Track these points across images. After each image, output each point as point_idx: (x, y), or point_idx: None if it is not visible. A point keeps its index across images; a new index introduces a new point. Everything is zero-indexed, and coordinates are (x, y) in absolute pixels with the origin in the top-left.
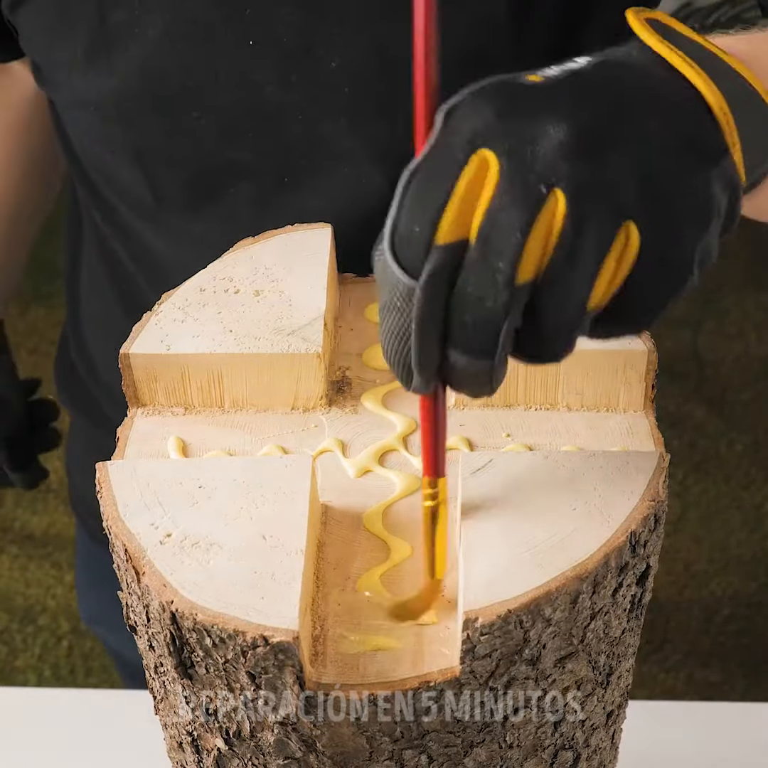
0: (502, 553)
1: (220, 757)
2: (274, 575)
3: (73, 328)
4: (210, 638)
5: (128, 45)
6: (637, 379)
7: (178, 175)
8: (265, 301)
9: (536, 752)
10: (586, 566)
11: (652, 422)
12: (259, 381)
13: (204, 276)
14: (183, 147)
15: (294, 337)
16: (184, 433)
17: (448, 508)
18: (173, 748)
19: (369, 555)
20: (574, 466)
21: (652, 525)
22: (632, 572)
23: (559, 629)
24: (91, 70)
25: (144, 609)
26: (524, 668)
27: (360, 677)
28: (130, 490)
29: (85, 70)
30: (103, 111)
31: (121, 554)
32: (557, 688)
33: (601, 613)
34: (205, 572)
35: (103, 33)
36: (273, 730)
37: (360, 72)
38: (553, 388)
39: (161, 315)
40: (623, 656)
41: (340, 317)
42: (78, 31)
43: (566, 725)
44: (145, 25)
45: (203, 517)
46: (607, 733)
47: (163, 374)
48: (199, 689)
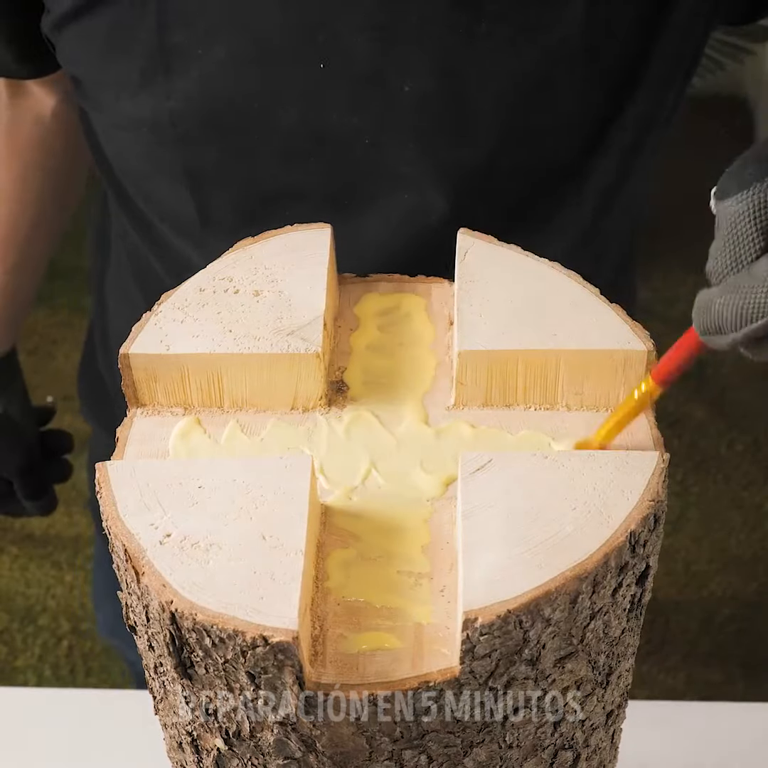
0: (501, 553)
1: (220, 757)
2: (274, 575)
3: (102, 341)
4: (209, 638)
5: (189, 66)
6: (637, 378)
7: (230, 196)
8: (265, 301)
9: (536, 752)
10: (585, 566)
11: (652, 422)
12: (259, 381)
13: (203, 276)
14: (239, 169)
15: (293, 337)
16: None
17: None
18: (173, 748)
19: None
20: (574, 466)
21: (651, 525)
22: (632, 572)
23: (559, 629)
24: (144, 91)
25: (143, 609)
26: (524, 668)
27: (360, 677)
28: (130, 490)
29: (137, 91)
30: (156, 132)
31: (121, 554)
32: (557, 688)
33: (600, 613)
34: (204, 572)
35: (163, 54)
36: (273, 730)
37: (430, 97)
38: (553, 387)
39: (161, 315)
40: (623, 656)
41: (340, 317)
42: (134, 52)
43: (566, 725)
44: (209, 46)
45: (203, 517)
46: (607, 733)
47: (162, 374)
48: (198, 689)
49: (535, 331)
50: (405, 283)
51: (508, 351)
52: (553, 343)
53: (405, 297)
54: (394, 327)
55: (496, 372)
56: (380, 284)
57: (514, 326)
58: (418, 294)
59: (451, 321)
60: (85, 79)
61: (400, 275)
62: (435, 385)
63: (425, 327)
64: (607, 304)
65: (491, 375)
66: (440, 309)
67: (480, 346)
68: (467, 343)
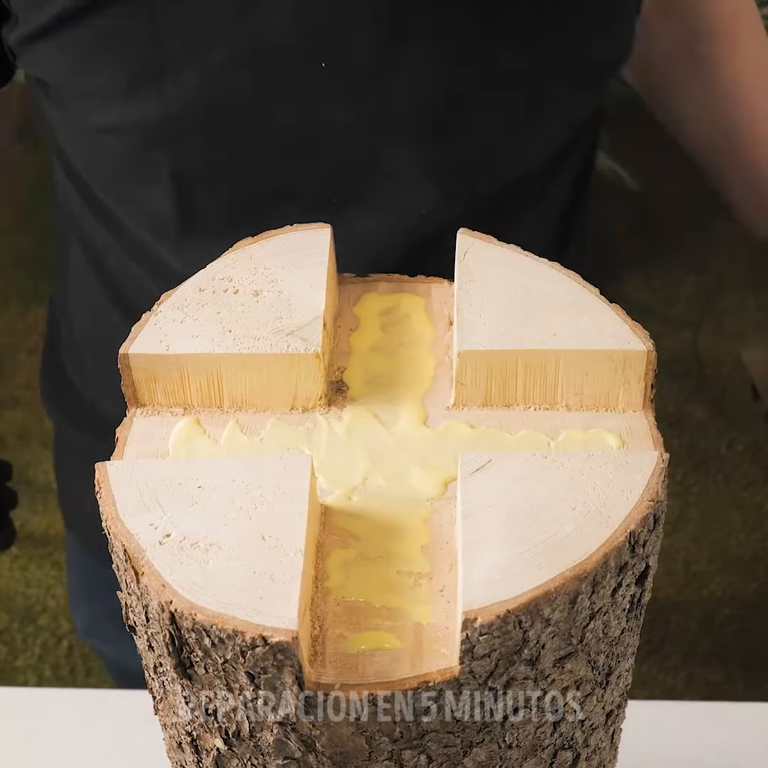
0: (501, 553)
1: (220, 757)
2: (274, 575)
3: (68, 338)
4: (209, 638)
5: (184, 72)
6: (637, 379)
7: (218, 198)
8: (265, 301)
9: (535, 752)
10: (585, 566)
11: (652, 422)
12: (259, 381)
13: (203, 276)
14: (231, 170)
15: (293, 337)
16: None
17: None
18: (173, 748)
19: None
20: (573, 466)
21: (651, 525)
22: (631, 572)
23: (559, 629)
24: (134, 97)
25: (143, 609)
26: (523, 668)
27: (359, 677)
28: (129, 490)
29: (126, 97)
30: (144, 136)
31: (120, 554)
32: (556, 688)
33: (600, 613)
34: (204, 572)
35: (155, 61)
36: (272, 730)
37: (426, 94)
38: (553, 387)
39: (160, 315)
40: (623, 656)
41: (340, 317)
42: (122, 60)
43: (566, 725)
44: (205, 50)
45: (202, 517)
46: (607, 733)
47: (162, 374)
48: (198, 689)
49: (535, 331)
50: (405, 283)
51: (508, 351)
52: (553, 343)
53: (405, 297)
54: (393, 327)
55: (495, 372)
56: (380, 284)
57: (513, 326)
58: (417, 294)
59: (451, 321)
60: (60, 86)
61: (399, 275)
62: (435, 385)
63: (425, 327)
64: (606, 304)
65: (491, 375)
66: (440, 309)
67: (480, 346)
68: (467, 343)
